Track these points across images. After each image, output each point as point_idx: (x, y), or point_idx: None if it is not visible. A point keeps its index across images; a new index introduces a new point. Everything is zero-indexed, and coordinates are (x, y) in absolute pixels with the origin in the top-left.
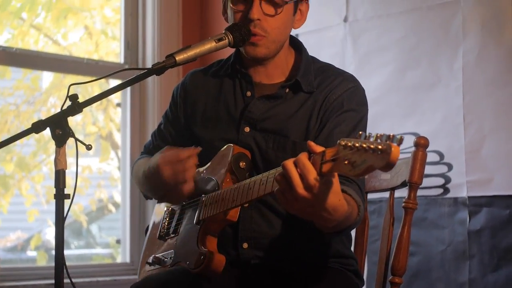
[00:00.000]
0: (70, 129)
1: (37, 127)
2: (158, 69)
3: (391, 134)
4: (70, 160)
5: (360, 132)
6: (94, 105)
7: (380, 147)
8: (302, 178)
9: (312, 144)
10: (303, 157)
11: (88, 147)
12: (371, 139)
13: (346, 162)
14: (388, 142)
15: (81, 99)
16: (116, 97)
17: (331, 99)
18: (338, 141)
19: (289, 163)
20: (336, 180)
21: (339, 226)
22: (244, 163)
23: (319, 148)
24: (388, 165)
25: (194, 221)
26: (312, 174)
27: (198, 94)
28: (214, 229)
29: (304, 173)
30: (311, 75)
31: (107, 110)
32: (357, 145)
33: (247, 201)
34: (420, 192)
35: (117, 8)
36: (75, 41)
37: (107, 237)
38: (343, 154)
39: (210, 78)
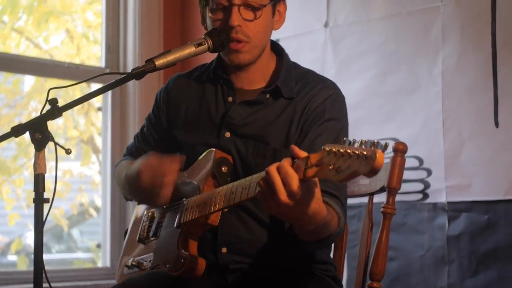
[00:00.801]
0: (49, 133)
1: (16, 131)
2: (137, 74)
3: (375, 141)
4: (51, 164)
5: (345, 138)
6: (75, 109)
7: (365, 153)
8: (284, 185)
9: (295, 148)
10: (286, 163)
11: (68, 152)
12: (356, 145)
13: (330, 167)
14: (373, 148)
15: (62, 103)
16: (97, 101)
17: (312, 106)
18: (323, 146)
19: (272, 169)
20: (317, 187)
21: (318, 232)
22: (226, 168)
23: (302, 153)
24: (373, 171)
25: (175, 225)
26: (295, 181)
27: (180, 99)
28: (194, 233)
29: (286, 180)
30: (292, 80)
31: (88, 114)
32: (341, 150)
33: (229, 205)
34: (399, 197)
35: (99, 12)
36: (56, 45)
37: (88, 241)
38: (327, 160)
39: (192, 82)
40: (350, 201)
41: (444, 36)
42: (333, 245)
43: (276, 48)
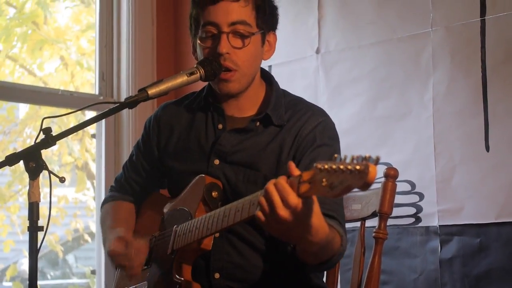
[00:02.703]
0: (43, 161)
1: (10, 160)
2: (130, 103)
3: (367, 155)
4: (46, 190)
5: (335, 155)
6: (70, 136)
7: (358, 167)
8: (282, 200)
9: (292, 165)
10: (282, 180)
11: (62, 180)
12: (347, 161)
13: (323, 184)
14: (365, 162)
15: (57, 129)
16: (91, 128)
17: (303, 134)
18: (314, 164)
19: (270, 185)
20: (316, 202)
21: (322, 253)
22: (216, 193)
23: (296, 171)
24: (366, 184)
25: (168, 251)
26: (292, 195)
27: (171, 127)
28: (188, 258)
29: (284, 195)
30: (282, 108)
31: (83, 141)
32: (334, 167)
33: (222, 229)
34: (392, 221)
35: (93, 39)
36: (51, 72)
37: (83, 267)
38: (319, 177)
39: (182, 110)
40: None
41: (434, 62)
42: None
43: (266, 76)
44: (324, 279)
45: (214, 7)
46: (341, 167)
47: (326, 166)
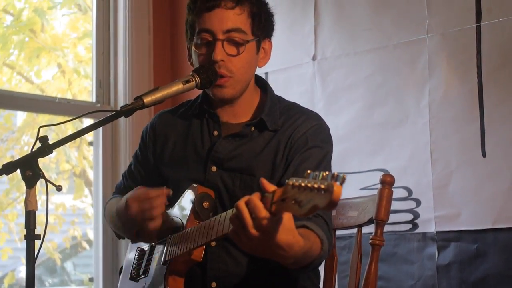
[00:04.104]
0: (40, 170)
1: (7, 168)
2: (126, 111)
3: (335, 173)
4: (44, 197)
5: (309, 171)
6: (68, 143)
7: (323, 186)
8: (253, 218)
9: (264, 182)
10: (255, 197)
11: (58, 188)
12: (318, 178)
13: (293, 202)
14: (331, 181)
15: (54, 137)
16: (88, 136)
17: (296, 137)
18: (287, 180)
19: (241, 203)
20: (286, 218)
21: (300, 261)
22: (207, 203)
23: (271, 187)
24: (331, 204)
25: (161, 262)
26: (262, 214)
27: (166, 135)
28: (180, 269)
29: (255, 213)
30: (276, 113)
31: (81, 148)
32: (303, 184)
33: (207, 241)
34: (389, 228)
35: (90, 47)
36: (48, 79)
37: (81, 275)
38: (291, 194)
39: (178, 118)
40: (340, 232)
41: (430, 68)
42: (323, 276)
43: (261, 82)
44: (321, 286)
45: (209, 14)
46: (309, 185)
47: (296, 183)
